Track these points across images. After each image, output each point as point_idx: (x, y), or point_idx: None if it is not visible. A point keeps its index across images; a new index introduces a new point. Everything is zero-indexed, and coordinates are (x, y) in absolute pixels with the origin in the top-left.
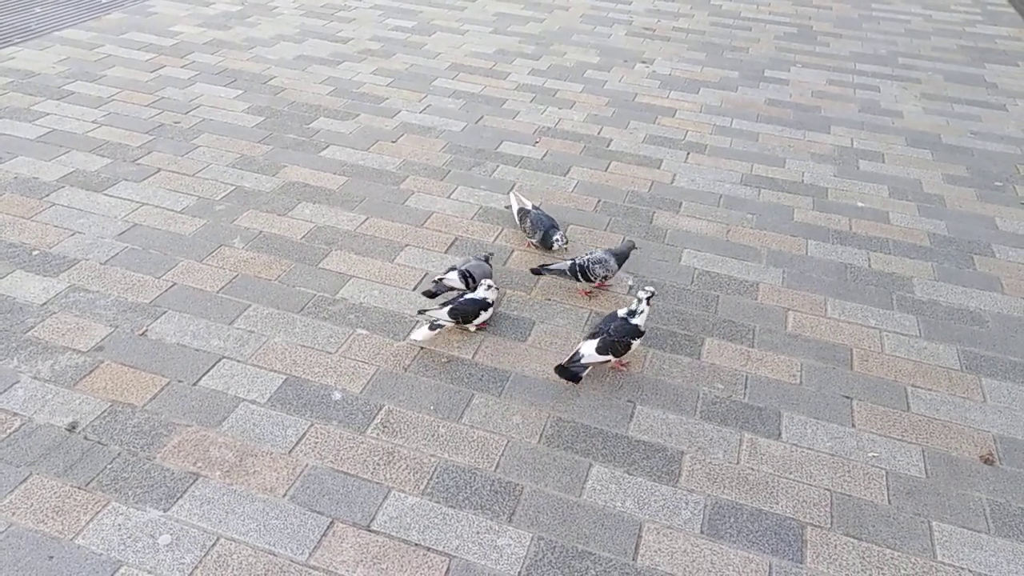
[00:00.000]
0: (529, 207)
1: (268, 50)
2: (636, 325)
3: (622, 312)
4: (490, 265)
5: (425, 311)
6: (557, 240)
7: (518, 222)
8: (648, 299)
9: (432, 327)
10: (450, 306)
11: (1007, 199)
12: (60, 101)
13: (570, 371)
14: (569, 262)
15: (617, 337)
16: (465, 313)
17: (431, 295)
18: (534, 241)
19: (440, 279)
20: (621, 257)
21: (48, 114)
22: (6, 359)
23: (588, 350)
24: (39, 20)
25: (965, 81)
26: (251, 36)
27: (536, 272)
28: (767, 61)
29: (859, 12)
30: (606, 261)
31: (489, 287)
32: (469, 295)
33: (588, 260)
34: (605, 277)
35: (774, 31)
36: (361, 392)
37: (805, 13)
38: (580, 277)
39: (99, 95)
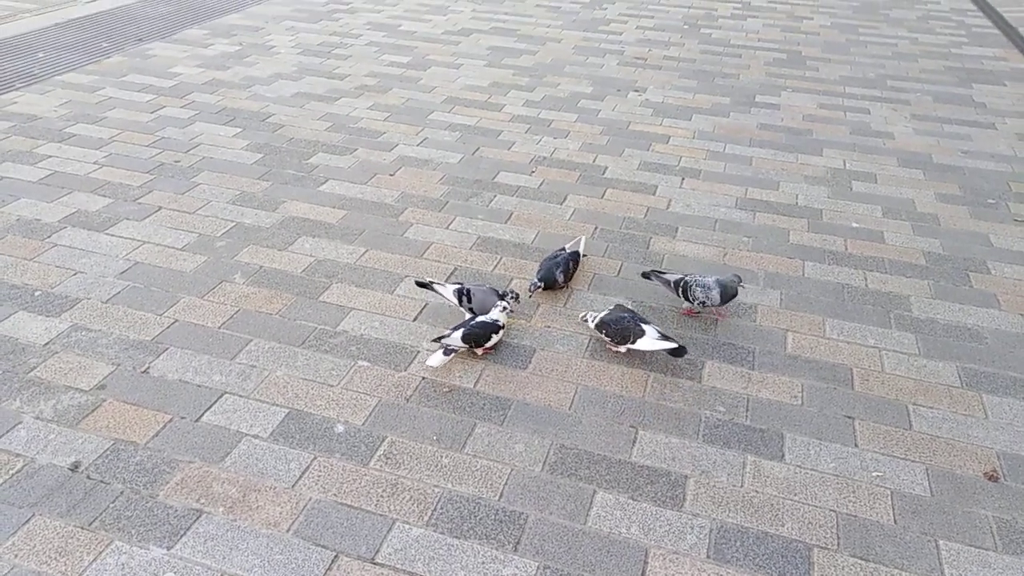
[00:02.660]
0: (566, 252)
1: (266, 88)
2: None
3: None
4: (506, 302)
5: (440, 338)
6: (530, 286)
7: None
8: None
9: (446, 352)
10: (463, 330)
11: (1000, 216)
12: (62, 143)
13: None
14: (678, 276)
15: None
16: (478, 337)
17: (422, 285)
18: (538, 283)
19: (435, 283)
20: (727, 291)
21: (50, 156)
22: (9, 400)
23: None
24: (42, 65)
25: (954, 101)
26: (249, 75)
27: (646, 276)
28: (758, 87)
29: (846, 37)
30: (709, 289)
31: (504, 308)
32: (481, 318)
33: (694, 281)
34: (703, 303)
35: (764, 57)
36: (363, 424)
37: (793, 39)
38: (681, 294)
39: (100, 136)
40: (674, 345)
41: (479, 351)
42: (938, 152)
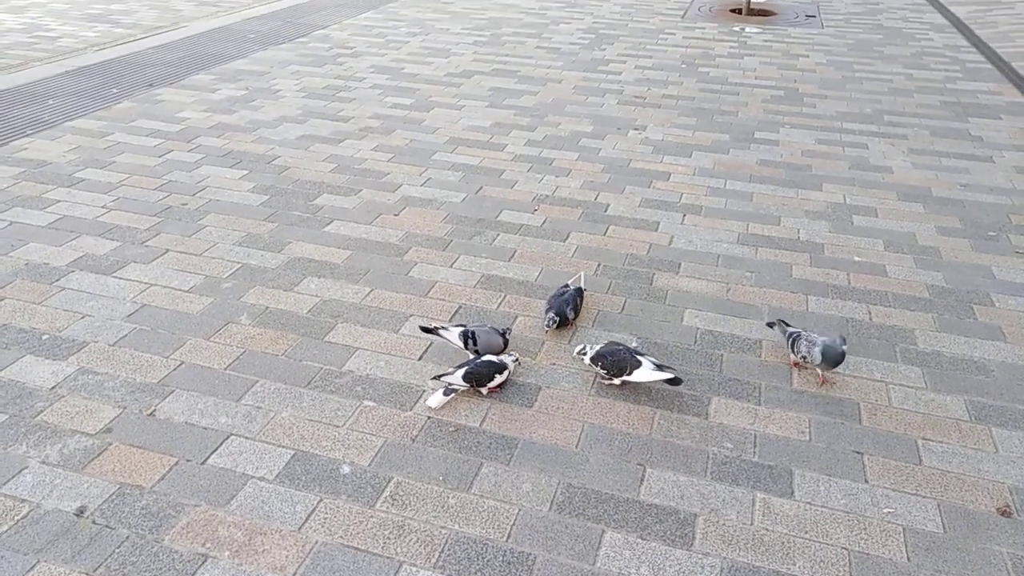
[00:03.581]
0: (571, 288)
1: (272, 131)
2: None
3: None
4: (504, 339)
5: (440, 376)
6: (546, 320)
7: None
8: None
9: (447, 392)
10: (465, 368)
11: (1002, 248)
12: (71, 188)
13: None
14: (796, 330)
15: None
16: (479, 376)
17: (426, 331)
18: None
19: (439, 328)
20: (827, 353)
21: (59, 201)
22: (15, 445)
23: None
24: (51, 111)
25: (951, 135)
26: (255, 119)
27: (770, 325)
28: (756, 123)
29: (842, 74)
30: (813, 345)
31: (516, 360)
32: (487, 357)
33: (804, 335)
34: (805, 358)
35: (761, 95)
36: (369, 465)
37: (790, 76)
38: (790, 345)
39: (108, 181)
40: (671, 375)
41: (484, 390)
42: (937, 186)
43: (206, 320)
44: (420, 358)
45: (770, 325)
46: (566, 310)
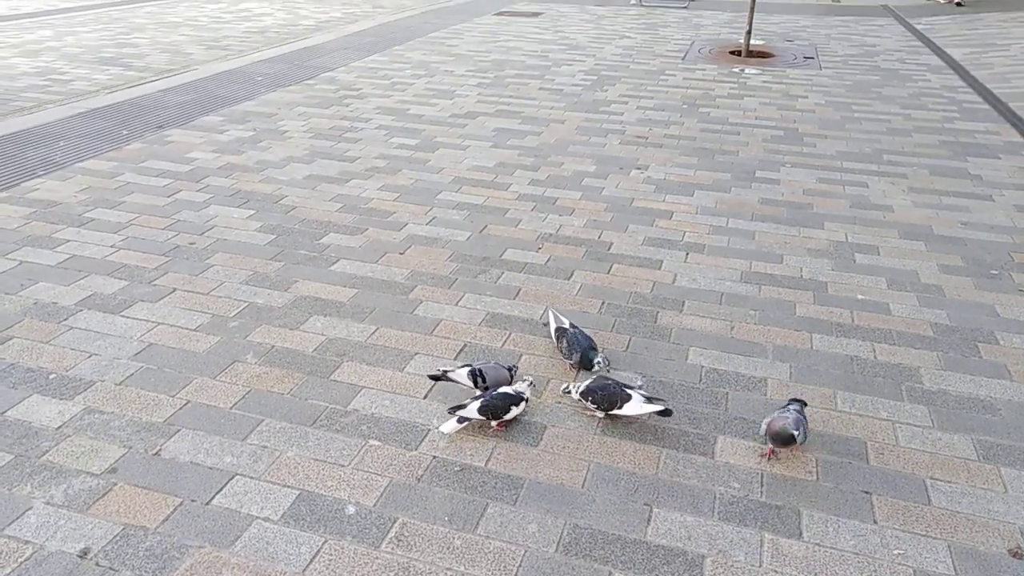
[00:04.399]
0: (566, 325)
1: (279, 171)
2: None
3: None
4: (511, 375)
5: (456, 409)
6: (599, 362)
7: (555, 341)
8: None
9: (460, 420)
10: (480, 401)
11: (1005, 287)
12: (80, 228)
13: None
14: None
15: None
16: (496, 409)
17: (435, 379)
18: (571, 362)
19: (447, 371)
20: (772, 429)
21: (68, 241)
22: (20, 485)
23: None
24: (63, 153)
25: (950, 174)
26: (263, 159)
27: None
28: (757, 163)
29: (841, 114)
30: (764, 421)
31: (531, 384)
32: (503, 389)
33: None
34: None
35: (762, 135)
36: (375, 505)
37: (790, 117)
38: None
39: (118, 220)
40: (661, 407)
41: (495, 424)
42: (938, 224)
43: (212, 359)
44: (425, 397)
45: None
46: (594, 347)
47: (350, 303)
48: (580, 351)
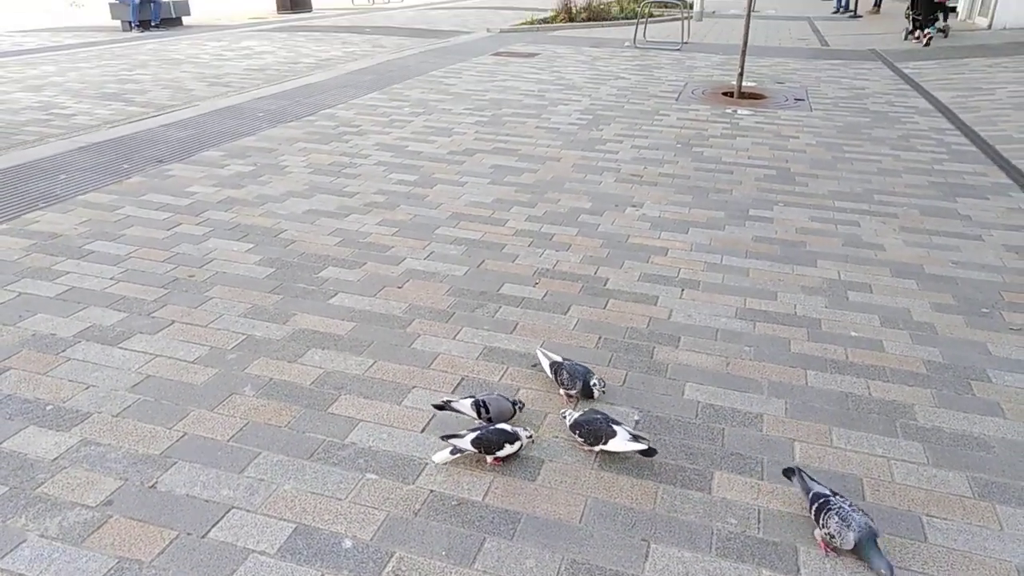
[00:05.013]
0: (560, 360)
1: (279, 205)
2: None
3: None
4: (515, 409)
5: (450, 436)
6: (595, 385)
7: (553, 377)
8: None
9: (453, 452)
10: (475, 433)
11: (996, 325)
12: (80, 260)
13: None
14: (823, 489)
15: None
16: (489, 443)
17: (439, 408)
18: (574, 392)
19: (451, 401)
20: (863, 544)
21: (68, 273)
22: (15, 517)
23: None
24: (64, 186)
25: (940, 214)
26: (263, 193)
27: (787, 475)
28: (751, 201)
29: (832, 154)
30: (847, 527)
31: (530, 437)
32: (500, 425)
33: (837, 507)
34: (832, 537)
35: (754, 174)
36: (372, 539)
37: (782, 156)
38: (814, 514)
39: (117, 253)
40: (645, 446)
41: (489, 459)
42: (929, 263)
43: (210, 391)
44: (423, 430)
45: (787, 475)
46: (591, 385)
47: (348, 336)
48: (581, 380)
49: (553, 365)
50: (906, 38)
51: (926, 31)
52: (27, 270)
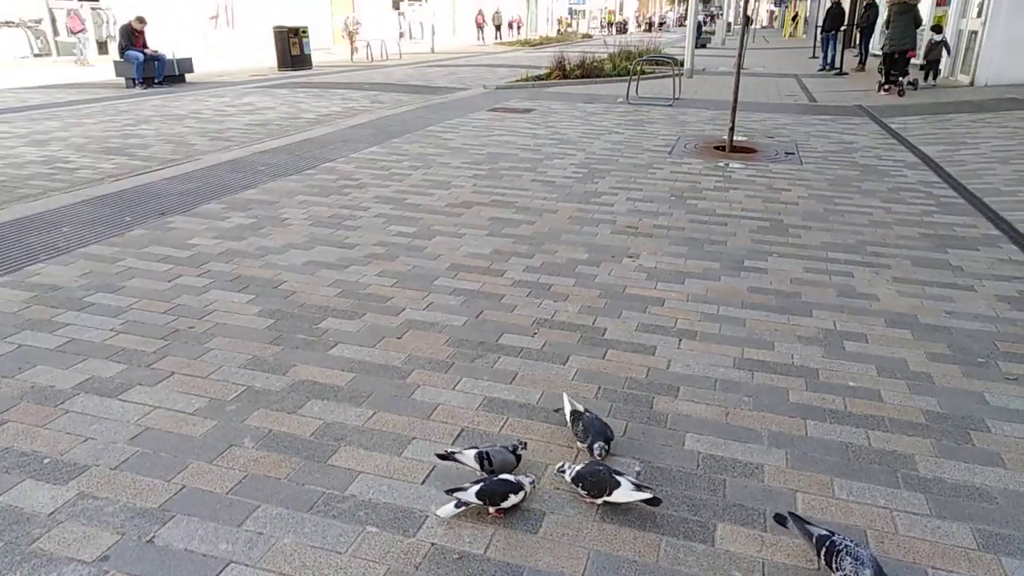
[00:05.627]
0: (582, 409)
1: (279, 257)
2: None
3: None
4: (516, 457)
5: (453, 491)
6: (596, 448)
7: (570, 425)
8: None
9: (457, 505)
10: (480, 485)
11: (992, 375)
12: (80, 312)
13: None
14: (824, 531)
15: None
16: (493, 495)
17: (443, 458)
18: (583, 445)
19: (455, 452)
20: None
21: (68, 324)
22: (9, 573)
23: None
24: (66, 238)
25: (932, 265)
26: (263, 245)
27: (780, 521)
28: (745, 252)
29: (824, 207)
30: (862, 566)
31: (532, 482)
32: (504, 476)
33: (844, 547)
34: None
35: (748, 225)
36: None
37: (774, 208)
38: (824, 557)
39: (118, 305)
40: (649, 495)
41: (492, 510)
42: (923, 313)
43: (209, 443)
44: (423, 482)
45: (779, 521)
46: (608, 433)
47: (348, 387)
48: (591, 436)
49: (574, 414)
50: (879, 90)
51: (897, 83)
52: (27, 322)
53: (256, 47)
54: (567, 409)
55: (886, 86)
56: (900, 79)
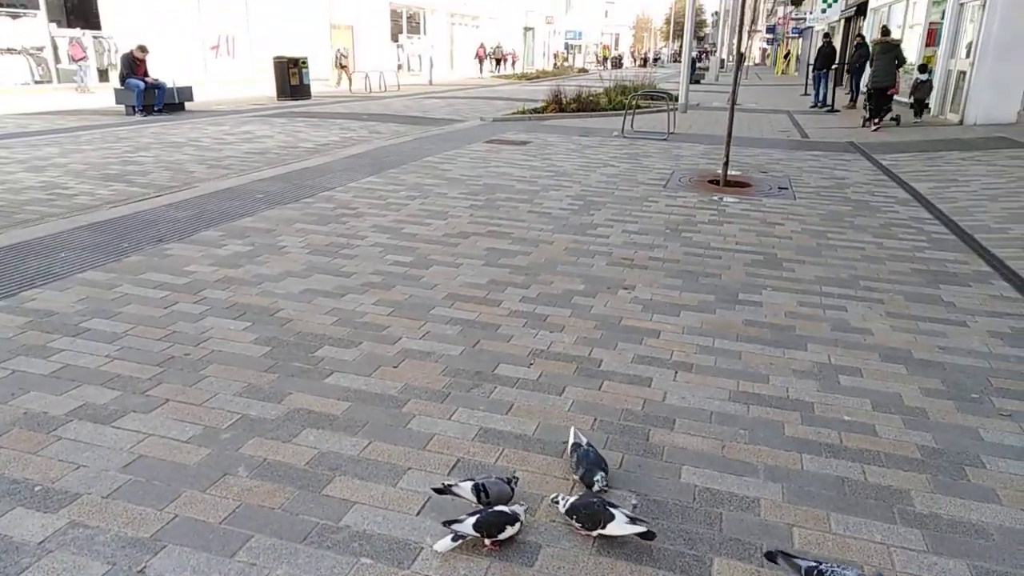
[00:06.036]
0: (583, 443)
1: (276, 285)
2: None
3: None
4: (512, 488)
5: (450, 523)
6: (598, 480)
7: (569, 456)
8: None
9: (455, 538)
10: (476, 517)
11: (986, 411)
12: (75, 338)
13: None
14: (811, 563)
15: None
16: (490, 526)
17: (439, 492)
18: (576, 476)
19: (451, 485)
20: None
21: (63, 350)
22: None
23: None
24: (63, 264)
25: (925, 301)
26: (260, 273)
27: (770, 558)
28: (740, 285)
29: (817, 241)
30: None
31: (526, 510)
32: (500, 507)
33: (831, 570)
34: None
35: (742, 259)
36: None
37: (768, 243)
38: None
39: (114, 331)
40: (643, 529)
41: (488, 542)
42: (916, 348)
43: (203, 471)
44: (418, 513)
45: (771, 559)
46: (603, 465)
47: (343, 416)
48: (585, 468)
49: (574, 446)
50: (863, 125)
51: (879, 119)
52: (21, 348)
53: (256, 77)
54: (570, 441)
55: (874, 120)
56: (882, 114)
